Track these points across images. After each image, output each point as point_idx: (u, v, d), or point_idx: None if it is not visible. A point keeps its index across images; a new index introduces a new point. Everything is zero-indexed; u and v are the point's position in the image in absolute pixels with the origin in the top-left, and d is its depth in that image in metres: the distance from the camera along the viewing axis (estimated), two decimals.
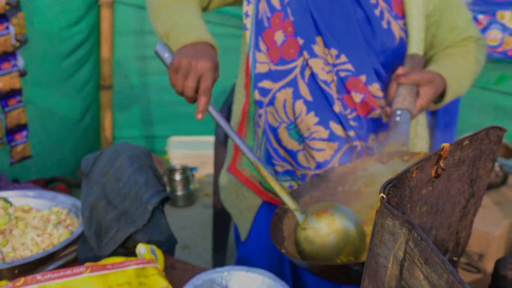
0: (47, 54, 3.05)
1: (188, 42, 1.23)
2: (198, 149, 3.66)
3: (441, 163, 0.77)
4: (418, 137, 1.49)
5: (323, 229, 1.11)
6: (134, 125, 3.74)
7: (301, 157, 1.43)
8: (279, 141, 1.45)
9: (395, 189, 0.68)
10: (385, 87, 1.38)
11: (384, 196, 0.62)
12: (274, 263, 1.55)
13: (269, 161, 1.50)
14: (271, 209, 1.55)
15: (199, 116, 1.17)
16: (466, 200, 0.91)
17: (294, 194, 1.24)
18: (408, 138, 1.19)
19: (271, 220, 1.19)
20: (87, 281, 1.11)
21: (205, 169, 3.67)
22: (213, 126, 2.84)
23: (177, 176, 3.41)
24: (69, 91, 3.28)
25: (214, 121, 2.91)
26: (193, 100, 1.19)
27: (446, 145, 0.76)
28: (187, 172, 3.47)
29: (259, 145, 1.52)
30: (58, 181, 3.16)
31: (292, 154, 1.43)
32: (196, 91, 1.18)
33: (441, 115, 1.91)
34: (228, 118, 2.63)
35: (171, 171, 3.44)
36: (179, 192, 3.41)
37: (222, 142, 2.72)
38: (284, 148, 1.44)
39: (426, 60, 1.48)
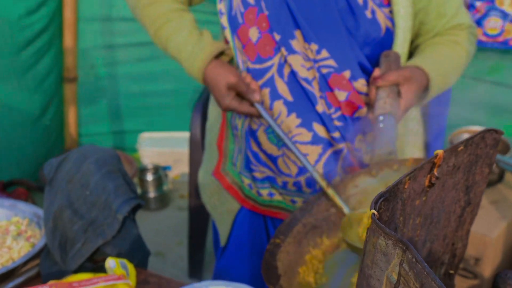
0: (3, 44, 3.00)
1: (200, 73, 1.41)
2: (171, 146, 3.64)
3: (435, 172, 0.77)
4: (411, 132, 1.50)
5: None
6: (101, 121, 3.70)
7: (281, 163, 1.43)
8: (259, 145, 1.46)
9: (387, 203, 0.68)
10: None
11: (375, 212, 0.62)
12: (256, 273, 1.55)
13: (247, 166, 1.50)
14: (252, 217, 1.56)
15: (255, 96, 1.37)
16: (461, 209, 0.92)
17: (286, 226, 1.25)
18: (395, 144, 1.20)
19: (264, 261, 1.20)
20: None
21: (179, 168, 3.66)
22: (188, 120, 2.83)
23: (149, 176, 3.39)
24: (28, 84, 3.23)
25: (188, 115, 2.89)
26: (244, 112, 1.40)
27: (440, 152, 0.77)
28: (160, 171, 3.45)
29: (240, 150, 1.52)
30: (17, 184, 3.12)
31: (272, 158, 1.44)
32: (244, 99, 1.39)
33: (431, 111, 1.92)
34: (203, 117, 2.61)
35: (142, 170, 3.42)
36: (151, 193, 3.40)
37: (197, 138, 2.71)
38: (264, 152, 1.45)
39: (411, 49, 1.47)
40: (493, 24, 2.61)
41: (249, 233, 1.57)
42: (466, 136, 2.53)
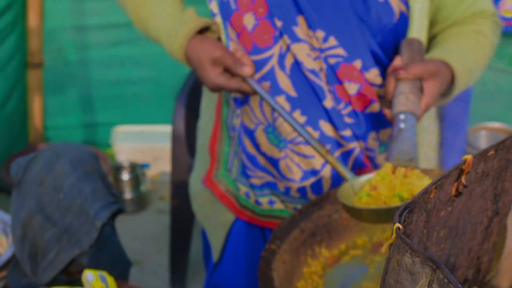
0: None
1: (182, 51, 1.38)
2: (150, 141, 3.62)
3: (463, 179, 0.77)
4: (425, 130, 1.50)
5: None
6: (71, 111, 3.68)
7: (283, 166, 1.43)
8: (257, 147, 1.45)
9: (411, 215, 0.68)
10: (385, 73, 1.37)
11: (400, 226, 0.62)
12: (251, 280, 1.56)
13: (243, 172, 1.49)
14: (250, 229, 1.55)
15: (246, 70, 1.34)
16: (489, 219, 0.92)
17: (283, 230, 1.25)
18: (415, 149, 1.17)
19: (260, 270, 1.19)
20: None
21: (159, 166, 3.65)
22: (169, 113, 2.82)
23: (125, 175, 3.38)
24: None
25: (169, 107, 2.88)
26: (236, 89, 1.36)
27: (468, 157, 0.77)
28: (137, 170, 3.44)
29: (236, 152, 1.51)
30: None
31: (272, 162, 1.44)
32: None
33: (450, 105, 1.93)
34: (188, 109, 2.59)
35: (117, 169, 3.40)
36: (128, 195, 3.39)
37: (181, 133, 2.70)
38: (264, 155, 1.44)
39: (428, 39, 1.47)
40: (509, 6, 2.61)
41: (245, 247, 1.56)
42: (484, 133, 2.55)
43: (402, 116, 1.21)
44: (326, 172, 1.41)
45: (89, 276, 1.24)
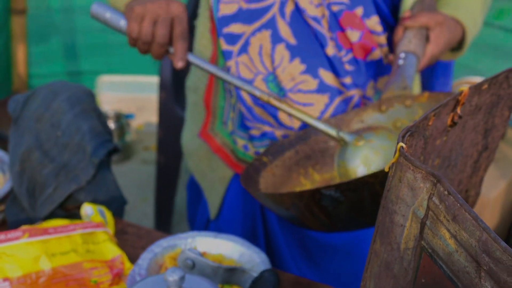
0: None
1: None
2: (135, 91, 3.64)
3: (459, 110, 0.82)
4: None
5: (385, 141, 1.17)
6: (54, 59, 3.67)
7: (282, 114, 1.43)
8: (254, 98, 1.44)
9: (411, 139, 0.73)
10: (384, 23, 1.40)
11: (404, 145, 0.66)
12: (247, 238, 1.57)
13: (242, 124, 1.50)
14: None
15: (180, 64, 1.23)
16: (478, 153, 0.98)
17: (277, 148, 1.27)
18: (411, 81, 1.21)
19: (246, 171, 1.21)
20: (24, 248, 1.13)
21: (144, 116, 3.67)
22: (154, 63, 2.84)
23: (110, 125, 3.39)
24: None
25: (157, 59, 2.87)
26: (163, 52, 1.24)
27: (465, 88, 0.82)
28: (122, 119, 3.46)
29: (232, 106, 1.52)
30: None
31: (271, 111, 1.44)
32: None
33: (432, 81, 1.97)
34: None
35: None
36: None
37: (168, 83, 2.72)
38: (262, 106, 1.44)
39: None
40: None
41: (243, 204, 1.56)
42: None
43: (402, 55, 1.26)
44: (324, 119, 1.40)
45: (88, 209, 1.28)
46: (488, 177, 2.42)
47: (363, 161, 1.21)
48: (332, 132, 1.22)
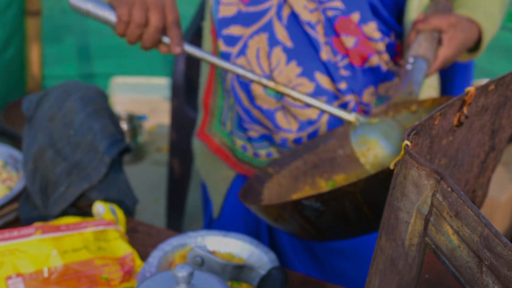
0: None
1: None
2: (147, 93, 3.66)
3: (465, 110, 0.83)
4: (425, 84, 1.52)
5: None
6: (68, 61, 3.70)
7: (279, 117, 1.43)
8: (251, 100, 1.44)
9: (417, 137, 0.74)
10: (384, 26, 1.39)
11: (409, 143, 0.68)
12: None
13: (240, 125, 1.50)
14: None
15: (178, 49, 1.22)
16: (485, 154, 0.98)
17: (285, 159, 1.27)
18: (419, 87, 1.19)
19: (248, 183, 1.20)
20: (37, 245, 1.15)
21: (156, 118, 3.69)
22: (168, 64, 2.85)
23: (123, 126, 3.41)
24: None
25: (169, 59, 2.89)
26: (157, 38, 1.23)
27: (471, 89, 0.83)
28: (135, 121, 3.48)
29: (231, 106, 1.52)
30: None
31: (268, 114, 1.44)
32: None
33: (451, 79, 1.96)
34: (188, 60, 2.55)
35: None
36: None
37: (181, 85, 2.73)
38: (258, 108, 1.44)
39: None
40: None
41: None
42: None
43: (411, 60, 1.24)
44: (323, 122, 1.42)
45: (100, 207, 1.30)
46: (499, 180, 2.43)
47: (383, 134, 1.22)
48: (345, 114, 1.25)
